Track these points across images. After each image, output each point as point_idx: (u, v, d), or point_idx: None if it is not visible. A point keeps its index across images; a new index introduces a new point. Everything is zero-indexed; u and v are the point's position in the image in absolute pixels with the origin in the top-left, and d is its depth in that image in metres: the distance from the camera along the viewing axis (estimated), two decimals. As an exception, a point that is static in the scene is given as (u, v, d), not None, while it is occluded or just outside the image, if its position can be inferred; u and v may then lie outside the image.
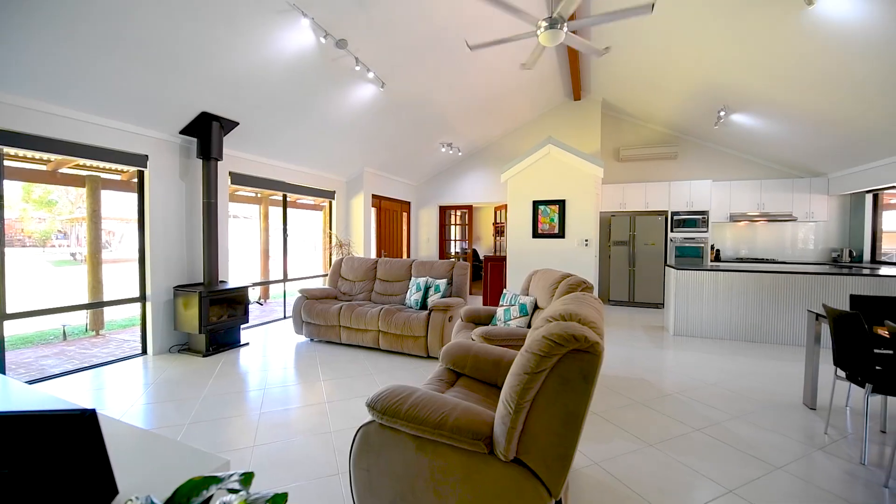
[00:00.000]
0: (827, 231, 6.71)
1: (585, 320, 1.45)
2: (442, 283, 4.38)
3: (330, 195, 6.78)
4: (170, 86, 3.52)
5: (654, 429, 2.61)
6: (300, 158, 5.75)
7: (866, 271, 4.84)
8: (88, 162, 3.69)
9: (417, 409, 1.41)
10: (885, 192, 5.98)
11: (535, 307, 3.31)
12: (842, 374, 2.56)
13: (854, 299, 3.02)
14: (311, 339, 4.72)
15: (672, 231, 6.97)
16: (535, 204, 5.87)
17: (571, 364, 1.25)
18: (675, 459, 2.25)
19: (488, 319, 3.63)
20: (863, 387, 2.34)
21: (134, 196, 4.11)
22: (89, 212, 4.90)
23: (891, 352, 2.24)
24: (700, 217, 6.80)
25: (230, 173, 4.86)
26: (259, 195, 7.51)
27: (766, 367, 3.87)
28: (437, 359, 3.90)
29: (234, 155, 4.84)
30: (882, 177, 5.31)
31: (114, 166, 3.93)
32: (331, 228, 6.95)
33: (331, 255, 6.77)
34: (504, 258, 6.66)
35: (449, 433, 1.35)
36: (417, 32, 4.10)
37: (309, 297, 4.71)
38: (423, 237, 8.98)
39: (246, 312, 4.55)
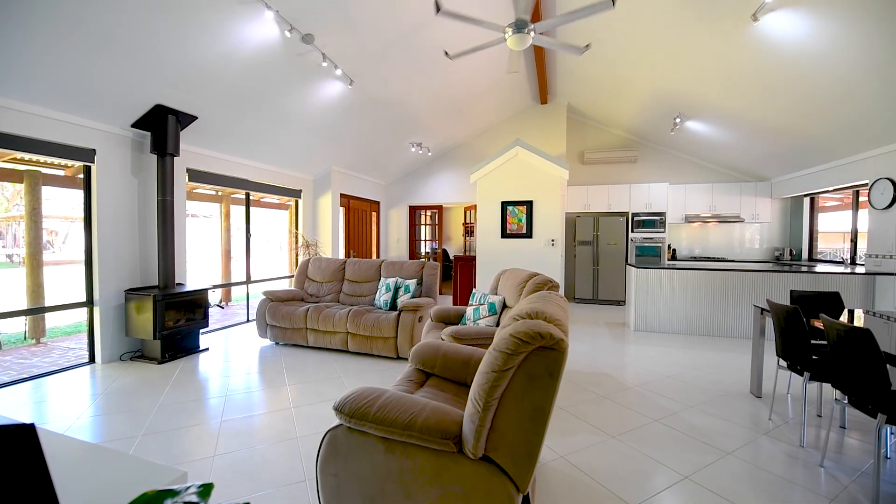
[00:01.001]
0: (770, 231, 7.23)
1: (551, 318, 1.49)
2: (412, 283, 4.36)
3: (296, 194, 6.59)
4: (121, 76, 3.31)
5: (616, 421, 2.72)
6: (264, 156, 5.55)
7: (804, 269, 5.27)
8: (27, 156, 3.40)
9: (386, 411, 1.40)
10: (821, 195, 6.52)
11: (504, 306, 3.37)
12: (783, 363, 2.77)
13: (794, 295, 3.27)
14: (277, 343, 4.57)
15: (633, 231, 7.28)
16: (504, 204, 5.96)
17: (538, 361, 1.28)
18: (636, 449, 2.36)
19: (458, 319, 3.65)
20: (802, 375, 2.54)
21: (80, 193, 3.83)
22: (28, 210, 4.51)
23: (825, 343, 2.45)
24: (658, 218, 7.15)
25: (188, 170, 4.62)
26: (220, 193, 7.19)
27: (717, 358, 4.12)
28: (407, 359, 3.88)
29: (193, 151, 4.61)
30: (818, 182, 5.79)
31: (57, 160, 3.64)
32: (297, 228, 6.76)
33: (297, 255, 6.58)
34: (474, 258, 6.72)
35: (418, 433, 1.35)
36: (386, 30, 4.06)
37: (274, 299, 4.56)
38: (392, 237, 8.91)
39: (205, 316, 4.35)
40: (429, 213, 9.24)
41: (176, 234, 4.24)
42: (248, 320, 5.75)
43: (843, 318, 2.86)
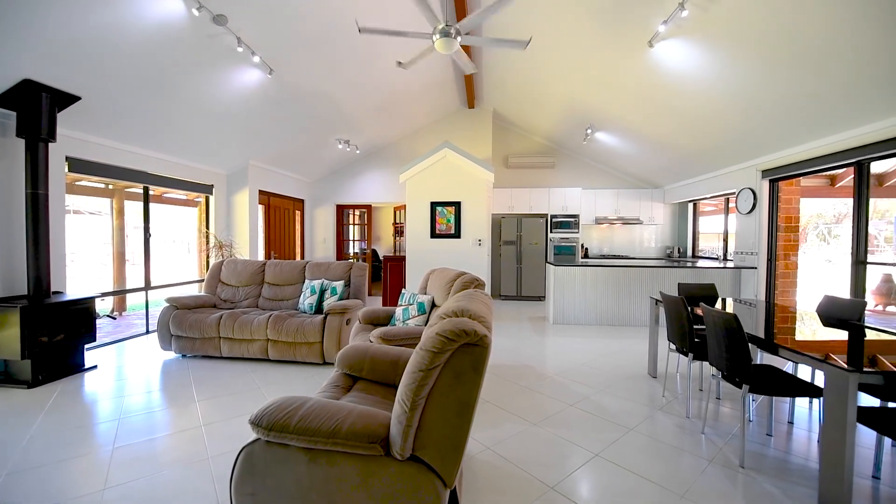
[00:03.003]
0: (663, 232, 8.26)
1: (476, 315, 1.55)
2: (339, 284, 4.22)
3: (207, 189, 5.99)
4: (-31, 42, 2.72)
5: (537, 409, 2.91)
6: (168, 146, 4.96)
7: (689, 264, 6.12)
8: None
9: (309, 420, 1.34)
10: (701, 201, 7.62)
11: (433, 305, 3.41)
12: (673, 347, 3.19)
13: (681, 287, 3.78)
14: (183, 356, 4.12)
15: (551, 232, 7.84)
16: (433, 205, 6.04)
17: (463, 357, 1.33)
18: (555, 434, 2.54)
19: (387, 320, 3.61)
20: (687, 356, 2.94)
21: None
22: None
23: (704, 327, 2.87)
24: (573, 220, 7.80)
25: (68, 159, 3.97)
26: (111, 187, 6.26)
27: (621, 345, 4.61)
28: (334, 365, 3.74)
29: (75, 137, 3.97)
30: (699, 189, 6.75)
31: None
32: (208, 227, 6.15)
33: (208, 257, 5.99)
34: (403, 258, 6.70)
35: (344, 440, 1.31)
36: (310, 19, 3.86)
37: (180, 306, 4.10)
38: (318, 237, 8.52)
39: (92, 329, 3.76)
40: (357, 212, 9.01)
41: (52, 233, 3.60)
42: (147, 331, 5.10)
43: (718, 305, 3.38)
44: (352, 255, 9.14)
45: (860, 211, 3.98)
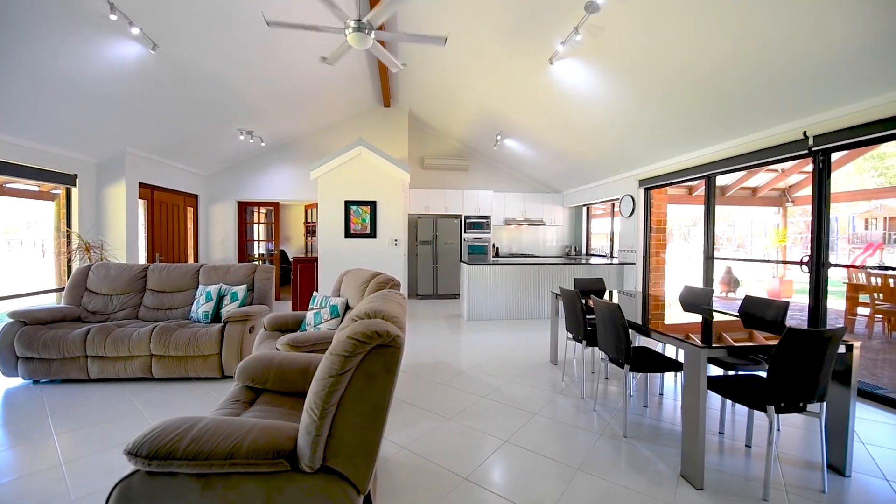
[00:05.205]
0: (563, 233, 9.11)
1: (389, 316, 1.54)
2: (240, 289, 3.85)
3: (68, 180, 5.01)
4: None
5: (452, 404, 3.00)
6: (12, 125, 4.02)
7: (584, 262, 6.83)
8: None
9: (201, 443, 1.21)
10: (593, 205, 8.56)
11: (347, 307, 3.31)
12: (570, 335, 3.53)
13: (576, 282, 4.21)
14: (35, 381, 3.39)
15: (465, 232, 8.14)
16: (348, 204, 5.85)
17: (376, 359, 1.31)
18: (468, 426, 2.65)
19: (297, 325, 3.41)
20: (581, 343, 3.29)
21: None
22: None
23: (594, 317, 3.24)
24: (485, 221, 8.19)
25: None
26: (-81, 173, 4.89)
27: (528, 337, 4.97)
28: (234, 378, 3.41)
29: None
30: (592, 195, 7.58)
31: None
32: (69, 226, 5.15)
33: (70, 261, 5.02)
34: (316, 259, 6.37)
35: (245, 459, 1.21)
36: (201, -4, 3.46)
37: (29, 321, 3.37)
38: (216, 238, 7.67)
39: None
40: (263, 210, 8.32)
41: None
42: (-20, 355, 4.08)
43: (606, 297, 3.83)
44: (257, 256, 8.42)
45: (709, 216, 4.84)
